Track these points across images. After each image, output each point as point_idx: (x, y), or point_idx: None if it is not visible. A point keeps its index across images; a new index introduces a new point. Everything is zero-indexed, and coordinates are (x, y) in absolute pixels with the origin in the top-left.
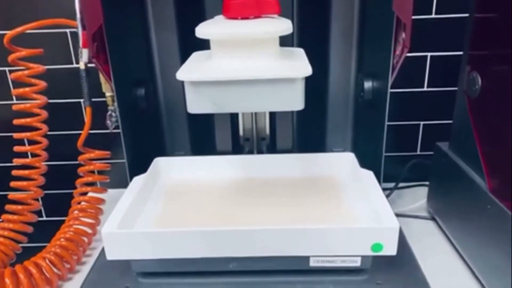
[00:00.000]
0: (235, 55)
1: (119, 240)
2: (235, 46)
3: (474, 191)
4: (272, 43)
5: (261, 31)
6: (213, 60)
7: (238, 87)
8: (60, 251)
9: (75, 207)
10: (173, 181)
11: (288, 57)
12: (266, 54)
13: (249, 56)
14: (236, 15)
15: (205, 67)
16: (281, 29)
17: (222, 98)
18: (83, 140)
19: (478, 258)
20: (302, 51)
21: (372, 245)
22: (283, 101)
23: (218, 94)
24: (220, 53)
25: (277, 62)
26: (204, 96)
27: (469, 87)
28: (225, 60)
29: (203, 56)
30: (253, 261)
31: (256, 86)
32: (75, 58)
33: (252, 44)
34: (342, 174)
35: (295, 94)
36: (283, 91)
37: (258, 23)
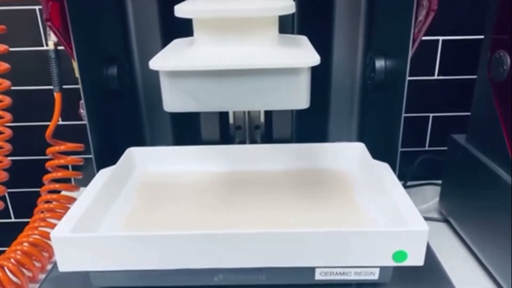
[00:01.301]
0: (224, 39)
1: (74, 247)
2: (223, 28)
3: (498, 188)
4: (270, 24)
5: (257, 9)
6: (197, 46)
7: (227, 79)
8: (21, 258)
9: (41, 206)
10: (149, 175)
11: (289, 44)
12: (262, 39)
13: (241, 40)
14: None
15: (186, 54)
16: (281, 6)
17: (207, 93)
18: (52, 130)
19: (502, 265)
20: (305, 39)
21: (394, 253)
22: (284, 98)
23: (202, 87)
24: (205, 37)
25: (277, 48)
26: (185, 90)
27: (494, 70)
28: (211, 46)
29: (186, 43)
30: (244, 273)
31: (250, 78)
32: (45, 40)
33: (245, 25)
34: (351, 167)
35: (299, 89)
36: (285, 84)
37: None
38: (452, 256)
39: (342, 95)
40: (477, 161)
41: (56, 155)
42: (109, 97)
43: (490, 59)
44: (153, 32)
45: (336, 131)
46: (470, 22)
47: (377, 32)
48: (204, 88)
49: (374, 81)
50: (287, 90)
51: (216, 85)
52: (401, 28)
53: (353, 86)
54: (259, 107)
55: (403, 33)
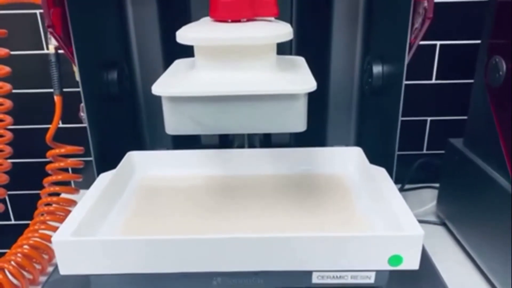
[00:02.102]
0: (224, 65)
1: (74, 250)
2: (224, 54)
3: (494, 193)
4: (268, 51)
5: (257, 37)
6: (198, 70)
7: (227, 104)
8: (22, 260)
9: (41, 209)
10: (148, 179)
11: (287, 68)
12: (261, 64)
13: (241, 66)
14: (225, 17)
15: (187, 79)
16: (280, 34)
17: (208, 117)
18: (52, 134)
19: (500, 269)
20: (302, 60)
21: (390, 257)
22: (283, 121)
23: (203, 112)
24: (206, 63)
25: (275, 74)
26: (186, 114)
27: (490, 76)
28: (211, 71)
29: (187, 65)
30: (242, 276)
31: (250, 103)
32: (46, 44)
33: (245, 52)
34: (348, 172)
35: (297, 113)
36: (283, 109)
37: (252, 27)
38: (449, 259)
39: (340, 100)
40: (473, 165)
41: (56, 158)
42: (109, 101)
43: (487, 64)
44: (153, 37)
45: (334, 136)
46: (467, 27)
47: (374, 38)
48: (205, 112)
49: (371, 86)
50: (285, 114)
51: (216, 110)
52: (398, 35)
53: (351, 91)
54: (258, 130)
55: (400, 39)
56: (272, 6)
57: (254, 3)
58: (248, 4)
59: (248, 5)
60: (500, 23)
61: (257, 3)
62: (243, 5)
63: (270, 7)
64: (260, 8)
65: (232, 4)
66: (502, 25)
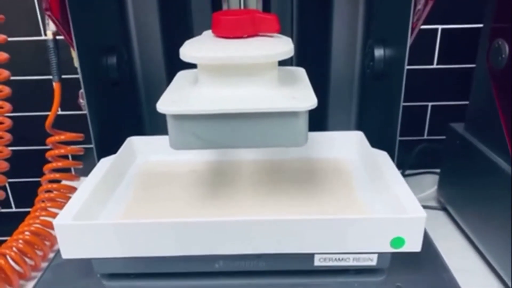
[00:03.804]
0: (227, 81)
1: (76, 234)
2: (226, 71)
3: (496, 177)
4: (270, 68)
5: (259, 56)
6: (201, 87)
7: (230, 121)
8: (23, 247)
9: (42, 196)
10: (149, 164)
11: (288, 83)
12: (263, 81)
13: (243, 83)
14: (228, 34)
15: (190, 96)
16: (281, 52)
17: (211, 134)
18: (51, 121)
19: (500, 253)
20: (303, 72)
21: (392, 239)
22: (284, 137)
23: (206, 129)
24: (209, 79)
25: (277, 90)
26: (190, 131)
27: (493, 58)
28: (214, 88)
29: (190, 79)
30: (244, 260)
31: (252, 120)
32: (43, 30)
33: (247, 69)
34: (350, 156)
35: (298, 130)
36: (285, 125)
37: (254, 44)
38: (450, 243)
39: (342, 84)
40: (475, 149)
41: (56, 145)
42: (108, 86)
43: (489, 48)
44: (152, 21)
45: (335, 120)
46: (469, 11)
47: (376, 21)
48: (208, 129)
49: (373, 70)
50: (286, 131)
51: (219, 127)
52: (400, 17)
53: (353, 75)
54: (259, 146)
55: (402, 22)
56: (273, 23)
57: (255, 21)
58: (250, 22)
59: (250, 22)
60: (503, 5)
61: (259, 20)
62: (245, 23)
63: (271, 24)
64: (261, 25)
65: (234, 22)
66: (505, 8)
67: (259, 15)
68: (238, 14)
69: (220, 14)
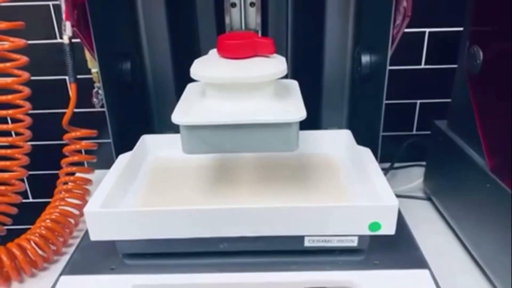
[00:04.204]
0: (231, 96)
1: (102, 220)
2: (230, 88)
3: (473, 170)
4: (267, 84)
5: (258, 76)
6: (208, 100)
7: (233, 131)
8: (46, 233)
9: (60, 187)
10: (161, 159)
11: (282, 96)
12: (261, 96)
13: (244, 98)
14: (231, 55)
15: (199, 108)
16: (276, 72)
17: (217, 140)
18: (68, 118)
19: (475, 238)
20: (296, 85)
21: (370, 224)
22: (279, 144)
23: (213, 136)
24: (215, 94)
25: (272, 103)
26: (199, 138)
27: (470, 63)
28: (220, 102)
29: (197, 92)
30: (245, 241)
31: (251, 130)
32: (59, 33)
33: (248, 86)
34: (338, 152)
35: (290, 137)
36: (279, 134)
37: (254, 65)
38: (433, 230)
39: (334, 86)
40: (455, 145)
41: (72, 140)
42: (123, 89)
43: (467, 53)
44: (161, 31)
45: (328, 119)
46: (454, 16)
47: (363, 31)
48: (215, 137)
49: (360, 74)
50: (281, 138)
51: (224, 135)
52: (382, 29)
53: (344, 78)
54: (257, 151)
55: (384, 34)
56: (270, 46)
57: (254, 44)
58: (250, 45)
59: (250, 46)
60: (479, 14)
61: (257, 44)
62: (245, 46)
63: (268, 47)
64: (259, 48)
65: (237, 46)
66: (481, 16)
67: (257, 39)
68: (240, 39)
69: (224, 38)
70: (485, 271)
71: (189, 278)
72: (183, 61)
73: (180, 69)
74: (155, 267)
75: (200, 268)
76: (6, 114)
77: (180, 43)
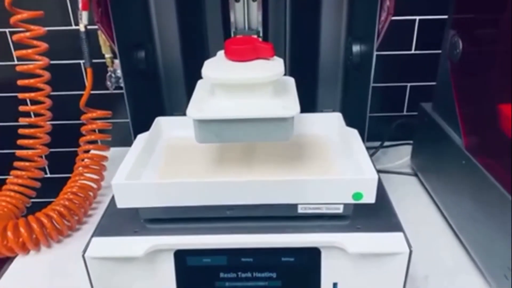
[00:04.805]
0: (236, 94)
1: (127, 190)
2: (235, 87)
3: (451, 148)
4: (267, 84)
5: (260, 77)
6: (216, 97)
7: (238, 124)
8: (69, 204)
9: (79, 164)
10: (174, 139)
11: (280, 94)
12: (261, 94)
13: (247, 96)
14: (236, 58)
15: (210, 105)
16: (275, 74)
17: (224, 131)
18: (85, 100)
19: (452, 207)
20: (292, 82)
21: (353, 194)
22: (276, 135)
23: (221, 128)
24: (222, 92)
25: (271, 100)
26: (210, 130)
27: (451, 51)
28: (227, 99)
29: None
30: (247, 208)
31: (254, 123)
32: (74, 20)
33: (250, 86)
34: (329, 133)
35: (286, 129)
36: (276, 127)
37: (257, 67)
38: (417, 202)
39: (329, 73)
40: (438, 126)
41: (88, 120)
42: (139, 76)
43: (449, 41)
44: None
45: (323, 102)
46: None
47: (354, 23)
48: (223, 129)
49: (351, 62)
50: (278, 130)
51: (231, 127)
52: (369, 23)
53: (337, 65)
54: (258, 140)
55: (371, 28)
56: (269, 51)
57: (257, 49)
58: (253, 50)
59: (253, 50)
60: (460, 5)
61: (259, 49)
62: (249, 51)
63: (268, 51)
64: (261, 51)
65: (241, 51)
66: (461, 8)
67: (259, 44)
68: (244, 44)
69: (230, 43)
70: (459, 236)
71: (200, 239)
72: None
73: (188, 57)
74: (171, 230)
75: (209, 231)
76: (29, 97)
77: (188, 34)
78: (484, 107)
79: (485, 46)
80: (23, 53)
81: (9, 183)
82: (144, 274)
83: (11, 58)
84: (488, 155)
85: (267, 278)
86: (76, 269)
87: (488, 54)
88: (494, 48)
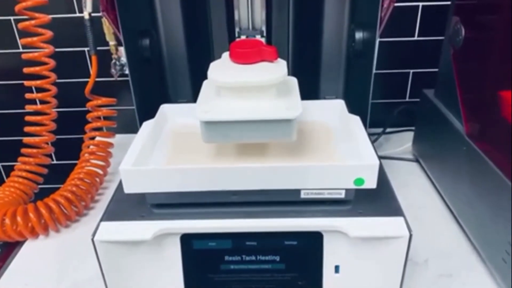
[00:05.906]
0: (241, 96)
1: (135, 176)
2: (240, 90)
3: (453, 134)
4: (270, 86)
5: (264, 80)
6: (222, 99)
7: (243, 125)
8: (76, 190)
9: (86, 150)
10: (179, 126)
11: (283, 95)
12: (265, 96)
13: (251, 98)
14: (241, 61)
15: (217, 107)
16: (278, 77)
17: (230, 131)
18: (90, 88)
19: (452, 192)
20: (295, 82)
21: (355, 179)
22: (280, 135)
23: (227, 129)
24: (228, 94)
25: (275, 102)
26: (217, 131)
27: (454, 38)
28: (233, 100)
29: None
30: (252, 193)
31: (258, 124)
32: (78, 8)
33: (254, 88)
34: (332, 120)
35: (289, 129)
36: (280, 128)
37: (259, 70)
38: (418, 188)
39: (331, 59)
40: (439, 112)
41: (94, 108)
42: (143, 63)
43: (452, 28)
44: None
45: (327, 89)
46: None
47: (357, 10)
48: (229, 130)
49: (354, 49)
50: (281, 131)
51: (236, 128)
52: (372, 10)
53: (340, 52)
54: (263, 140)
55: (373, 15)
56: (273, 54)
57: (261, 52)
58: (257, 53)
59: (257, 53)
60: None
61: (263, 52)
62: (253, 54)
63: (271, 54)
64: (265, 55)
65: (246, 54)
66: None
67: (263, 48)
68: (249, 47)
69: (235, 46)
70: (458, 220)
71: (205, 223)
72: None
73: (191, 45)
74: (177, 215)
75: (214, 215)
76: (35, 84)
77: (192, 21)
78: (486, 94)
79: (487, 32)
80: (28, 41)
81: (17, 170)
82: (151, 257)
83: (16, 46)
84: (489, 141)
85: (271, 261)
86: (84, 253)
87: (490, 40)
88: (496, 34)
